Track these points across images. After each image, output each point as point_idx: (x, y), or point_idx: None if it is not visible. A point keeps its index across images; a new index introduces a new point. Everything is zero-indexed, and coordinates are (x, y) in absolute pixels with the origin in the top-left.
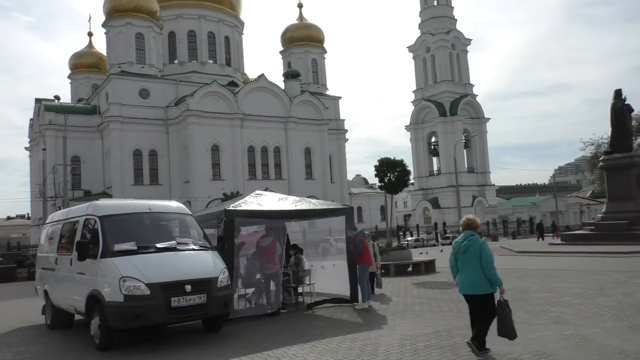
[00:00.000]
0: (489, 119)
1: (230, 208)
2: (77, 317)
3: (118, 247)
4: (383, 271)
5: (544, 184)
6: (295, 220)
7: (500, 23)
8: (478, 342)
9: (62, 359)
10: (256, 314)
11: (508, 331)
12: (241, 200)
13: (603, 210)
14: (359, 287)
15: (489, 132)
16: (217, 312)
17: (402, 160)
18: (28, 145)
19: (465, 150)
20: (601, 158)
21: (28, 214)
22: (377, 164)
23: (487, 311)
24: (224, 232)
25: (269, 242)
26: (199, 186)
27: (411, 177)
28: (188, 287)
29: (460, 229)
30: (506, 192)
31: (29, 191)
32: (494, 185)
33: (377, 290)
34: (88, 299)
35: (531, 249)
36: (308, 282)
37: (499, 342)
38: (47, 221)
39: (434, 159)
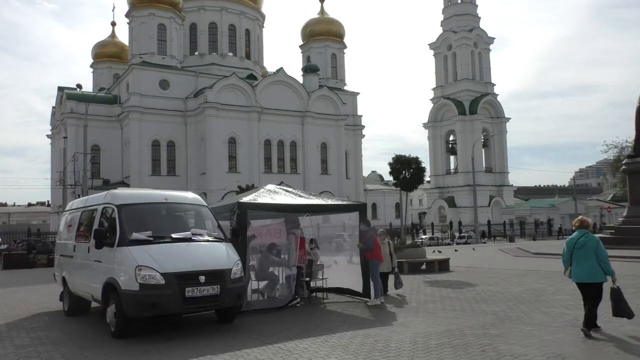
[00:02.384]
0: (509, 118)
1: (243, 201)
2: (94, 304)
3: (134, 236)
4: (397, 270)
5: (564, 186)
6: (308, 214)
7: (526, 22)
8: (590, 322)
9: (78, 345)
10: (269, 307)
11: (626, 312)
12: (255, 193)
13: (624, 214)
14: (371, 283)
15: (508, 132)
16: (230, 304)
17: (417, 158)
18: (50, 133)
19: (483, 149)
20: (624, 161)
21: (48, 201)
22: (392, 161)
23: (596, 297)
24: (237, 225)
25: (300, 235)
26: (215, 178)
27: (427, 175)
28: (202, 278)
29: (574, 227)
30: (524, 193)
31: (49, 178)
32: (511, 185)
33: (396, 290)
34: (104, 287)
35: (548, 251)
36: (321, 277)
37: (514, 343)
38: (66, 209)
39: (452, 158)
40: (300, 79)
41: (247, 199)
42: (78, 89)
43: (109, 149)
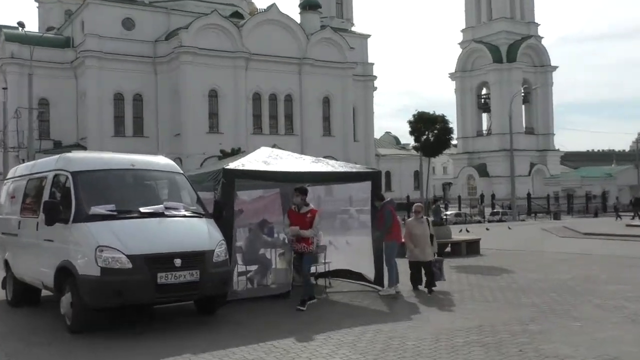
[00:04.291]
0: (557, 67)
1: (229, 167)
2: (45, 292)
3: (94, 210)
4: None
5: (623, 150)
6: (310, 184)
7: None
8: None
9: (26, 340)
10: (259, 296)
11: None
12: (244, 158)
13: None
14: (385, 268)
15: (555, 84)
16: (213, 292)
17: (443, 116)
18: None
19: (523, 105)
20: None
21: None
22: (412, 119)
23: None
24: (222, 197)
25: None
26: (192, 140)
27: (454, 136)
28: (178, 261)
29: None
30: (574, 159)
31: None
32: (558, 150)
33: (438, 283)
34: (57, 272)
35: (601, 231)
36: (323, 261)
37: (559, 342)
38: (7, 176)
39: (484, 116)
40: (298, 18)
41: (233, 165)
42: (20, 29)
43: (61, 103)
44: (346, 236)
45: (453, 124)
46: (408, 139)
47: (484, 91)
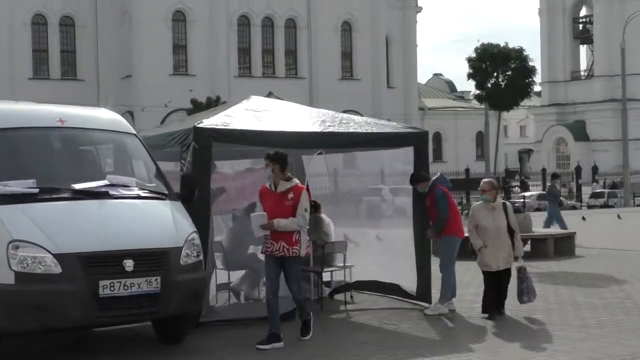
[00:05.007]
0: None
1: (204, 125)
2: None
3: (4, 187)
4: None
5: None
6: (323, 151)
7: None
8: None
9: None
10: (247, 317)
11: None
12: (224, 113)
13: None
14: (433, 275)
15: None
16: (180, 310)
17: (520, 50)
18: None
19: None
20: None
21: None
22: (474, 55)
23: None
24: (194, 169)
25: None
26: (149, 86)
27: (536, 81)
28: (129, 264)
29: None
30: None
31: None
32: None
33: (521, 303)
34: None
35: None
36: (342, 264)
37: None
38: None
39: (582, 50)
40: None
41: (209, 122)
42: None
43: None
44: (376, 228)
45: (535, 62)
46: (467, 85)
47: (583, 12)
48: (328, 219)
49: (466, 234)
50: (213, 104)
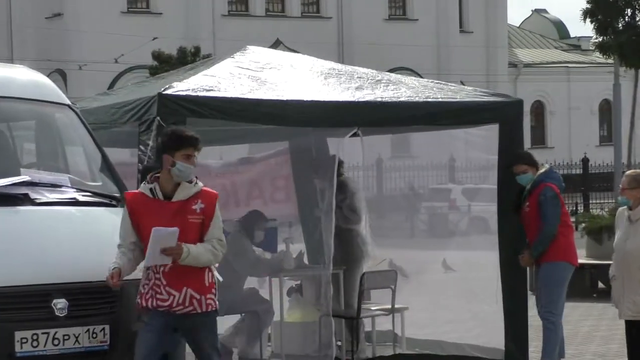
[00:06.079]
0: None
1: (173, 91)
2: None
3: None
4: None
5: None
6: (359, 131)
7: None
8: None
9: None
10: None
11: None
12: (206, 72)
13: None
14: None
15: None
16: None
17: None
18: None
19: None
20: None
21: None
22: None
23: None
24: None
25: None
26: (89, 29)
27: None
28: (60, 304)
29: None
30: None
31: None
32: None
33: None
34: None
35: None
36: (389, 307)
37: None
38: None
39: None
40: None
41: (182, 86)
42: None
43: None
44: (442, 250)
45: None
46: (585, 29)
47: None
48: (356, 184)
49: (582, 260)
50: (189, 58)
